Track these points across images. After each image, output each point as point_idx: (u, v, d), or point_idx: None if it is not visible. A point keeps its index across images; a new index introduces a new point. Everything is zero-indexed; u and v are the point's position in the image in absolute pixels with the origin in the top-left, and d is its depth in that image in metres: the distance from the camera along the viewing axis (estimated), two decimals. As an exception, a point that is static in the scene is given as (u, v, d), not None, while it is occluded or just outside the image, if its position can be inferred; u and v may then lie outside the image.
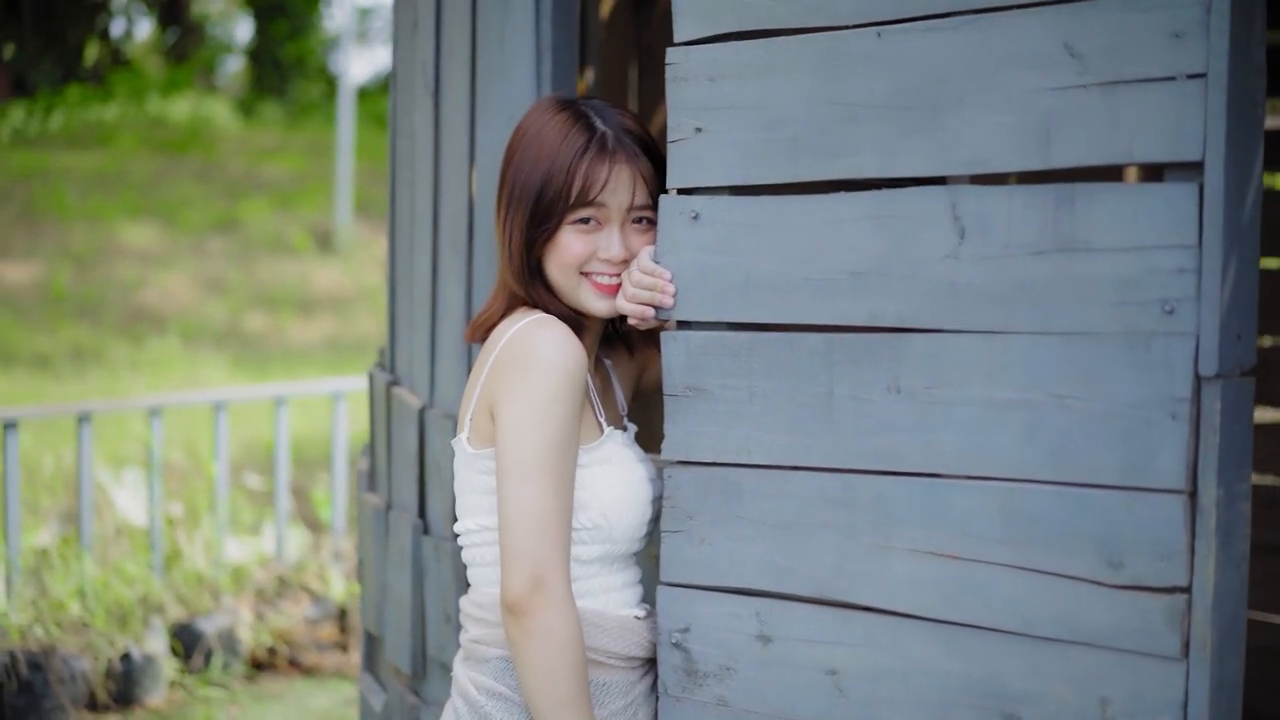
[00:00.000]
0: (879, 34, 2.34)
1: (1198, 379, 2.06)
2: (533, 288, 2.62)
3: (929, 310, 2.30)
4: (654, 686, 2.67)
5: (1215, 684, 2.08)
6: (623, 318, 2.71)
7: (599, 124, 2.60)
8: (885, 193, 2.35)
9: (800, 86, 2.43)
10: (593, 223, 2.60)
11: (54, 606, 6.39)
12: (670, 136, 2.58)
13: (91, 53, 26.33)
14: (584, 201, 2.57)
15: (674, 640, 2.60)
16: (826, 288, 2.41)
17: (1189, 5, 2.03)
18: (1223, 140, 2.02)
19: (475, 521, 2.62)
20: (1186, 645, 2.07)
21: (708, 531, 2.56)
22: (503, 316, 2.64)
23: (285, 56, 25.39)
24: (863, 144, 2.36)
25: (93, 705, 6.26)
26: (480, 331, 2.67)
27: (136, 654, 6.35)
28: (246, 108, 24.10)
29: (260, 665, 6.95)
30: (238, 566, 7.18)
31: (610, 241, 2.61)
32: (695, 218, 2.54)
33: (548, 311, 2.60)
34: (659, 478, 2.69)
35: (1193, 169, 2.05)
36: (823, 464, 2.43)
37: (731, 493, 2.53)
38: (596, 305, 2.63)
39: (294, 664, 7.00)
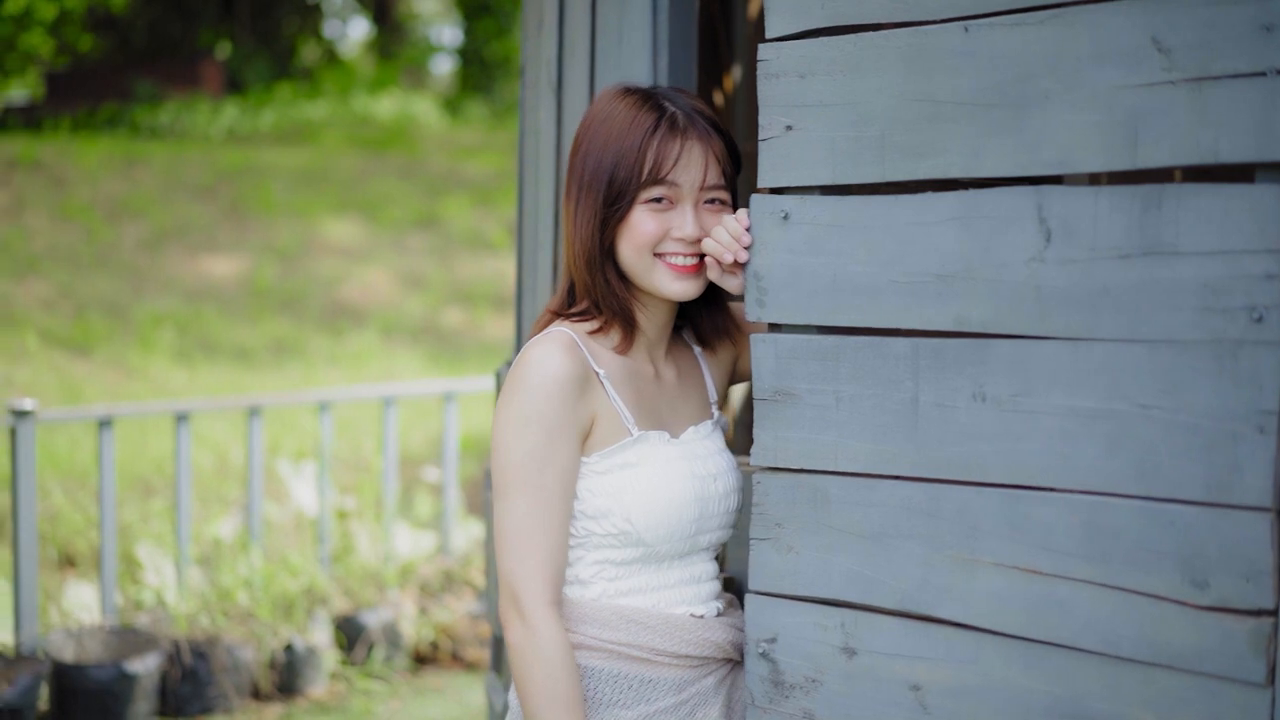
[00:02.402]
0: (966, 28, 2.26)
1: (1287, 391, 1.95)
2: (603, 274, 2.58)
3: (1014, 315, 2.22)
4: (719, 686, 2.63)
5: (1302, 714, 1.97)
6: (695, 305, 2.71)
7: (668, 105, 2.57)
8: (971, 193, 2.26)
9: (887, 83, 2.35)
10: (665, 202, 2.55)
11: (221, 596, 6.52)
12: (761, 134, 2.52)
13: (306, 52, 26.97)
14: (656, 179, 2.53)
15: (761, 650, 2.55)
16: (912, 290, 2.34)
17: (1280, -3, 1.93)
18: (1315, 140, 1.91)
19: None
20: (1272, 672, 1.97)
21: (795, 540, 2.50)
22: (547, 324, 2.63)
23: (491, 55, 25.66)
24: (949, 143, 2.29)
25: (256, 694, 6.40)
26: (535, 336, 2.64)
27: (300, 645, 6.46)
28: (452, 106, 24.44)
29: (422, 659, 7.03)
30: (406, 560, 7.25)
31: (684, 220, 2.56)
32: (785, 217, 2.48)
33: (609, 303, 2.59)
34: (728, 473, 2.66)
35: (1283, 170, 1.95)
36: (908, 473, 2.36)
37: (819, 501, 2.47)
38: (671, 286, 2.58)
39: (456, 658, 7.06)
